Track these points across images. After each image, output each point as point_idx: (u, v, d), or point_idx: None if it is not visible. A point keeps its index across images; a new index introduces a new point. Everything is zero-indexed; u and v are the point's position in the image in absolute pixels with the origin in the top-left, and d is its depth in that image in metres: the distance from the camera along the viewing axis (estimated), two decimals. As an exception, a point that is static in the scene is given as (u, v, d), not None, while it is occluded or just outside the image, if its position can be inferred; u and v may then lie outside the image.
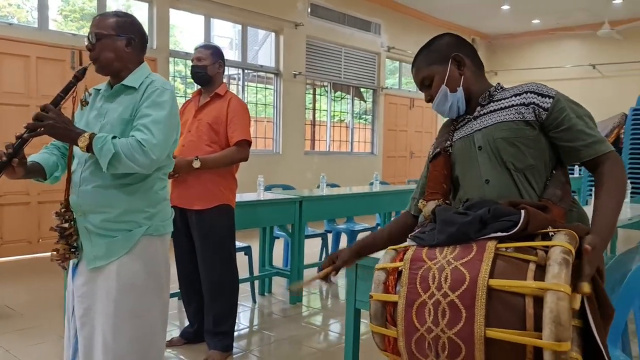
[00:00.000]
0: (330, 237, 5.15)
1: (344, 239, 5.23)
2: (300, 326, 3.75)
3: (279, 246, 4.87)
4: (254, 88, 8.19)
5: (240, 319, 3.74)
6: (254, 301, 4.21)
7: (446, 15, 10.46)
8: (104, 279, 1.85)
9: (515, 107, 1.47)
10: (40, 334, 3.38)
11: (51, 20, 5.85)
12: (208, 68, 3.09)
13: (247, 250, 4.12)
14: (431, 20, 10.50)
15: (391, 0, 9.56)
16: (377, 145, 9.93)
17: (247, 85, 7.95)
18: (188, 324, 3.38)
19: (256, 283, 4.35)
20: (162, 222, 1.95)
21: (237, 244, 3.42)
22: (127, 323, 1.85)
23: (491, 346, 1.10)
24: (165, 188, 2.00)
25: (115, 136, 1.77)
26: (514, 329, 1.09)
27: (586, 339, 1.14)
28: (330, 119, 9.25)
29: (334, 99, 9.38)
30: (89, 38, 1.88)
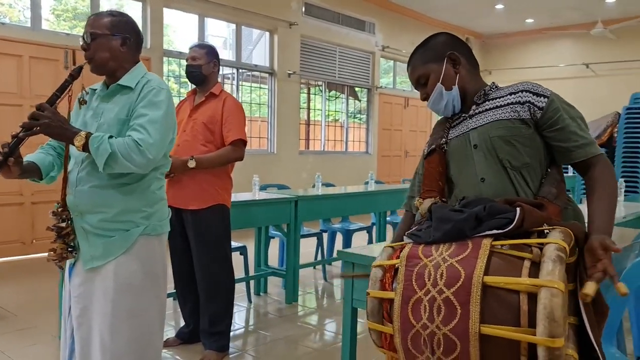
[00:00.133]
0: (325, 237, 5.15)
1: (339, 238, 5.23)
2: (296, 326, 3.75)
3: (274, 246, 4.87)
4: (248, 87, 8.17)
5: (236, 319, 3.73)
6: (249, 301, 4.21)
7: (440, 15, 10.49)
8: (101, 279, 1.85)
9: (511, 106, 1.48)
10: (35, 335, 3.37)
11: (44, 20, 5.82)
12: (203, 67, 3.09)
13: (243, 250, 4.11)
14: (425, 20, 10.52)
15: (385, 0, 9.58)
16: (372, 144, 9.93)
17: (242, 85, 7.94)
18: (184, 324, 3.37)
19: (251, 283, 4.35)
20: (160, 222, 1.95)
21: (233, 243, 3.41)
22: (125, 323, 1.84)
23: (486, 342, 1.11)
24: (163, 188, 2.00)
25: (111, 136, 1.77)
26: (508, 325, 1.10)
27: (582, 336, 1.15)
28: (325, 119, 9.25)
29: (329, 98, 9.38)
30: (84, 38, 1.87)
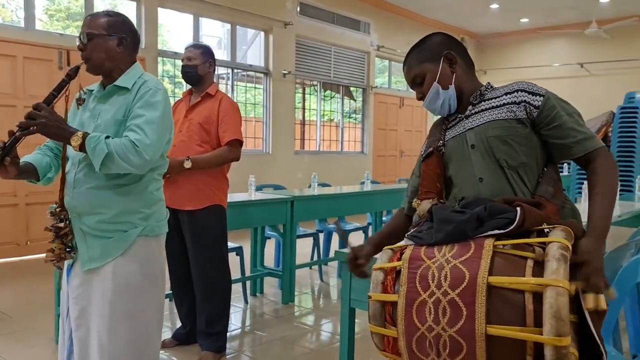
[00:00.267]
0: (321, 237, 5.14)
1: (335, 238, 5.22)
2: (292, 326, 3.74)
3: (270, 246, 4.86)
4: (243, 87, 8.16)
5: (232, 319, 3.72)
6: (245, 302, 4.20)
7: (435, 14, 10.50)
8: (99, 280, 1.84)
9: (507, 106, 1.48)
10: (31, 337, 3.35)
11: (37, 20, 5.79)
12: (198, 68, 3.08)
13: (239, 250, 4.10)
14: (420, 19, 10.53)
15: None
16: (367, 144, 9.94)
17: (237, 85, 7.92)
18: (180, 325, 3.36)
19: (248, 283, 4.34)
20: (158, 223, 1.94)
21: (229, 244, 3.40)
22: (123, 324, 1.83)
23: (492, 343, 1.11)
24: (160, 189, 1.99)
25: (108, 136, 1.76)
26: (514, 325, 1.10)
27: (581, 334, 1.15)
28: (320, 119, 9.25)
29: (324, 98, 9.38)
30: (80, 38, 1.86)
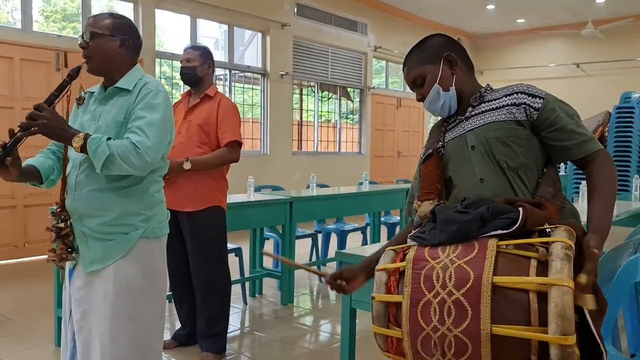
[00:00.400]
0: (320, 238, 5.15)
1: (333, 239, 5.23)
2: (292, 327, 3.75)
3: (269, 247, 4.86)
4: (241, 89, 8.16)
5: (232, 320, 3.71)
6: (245, 303, 4.20)
7: (432, 15, 10.52)
8: (101, 282, 1.84)
9: (507, 108, 1.49)
10: (30, 339, 3.34)
11: (34, 22, 5.78)
12: (197, 69, 3.08)
13: (238, 251, 4.10)
14: (417, 20, 10.55)
15: (377, 0, 9.59)
16: (365, 145, 9.95)
17: (234, 86, 7.92)
18: (179, 326, 3.36)
19: (247, 285, 4.34)
20: (159, 225, 1.94)
21: (228, 245, 3.40)
22: (125, 326, 1.83)
23: (497, 343, 1.11)
24: (161, 190, 1.99)
25: (110, 137, 1.76)
26: (519, 324, 1.11)
27: (581, 333, 1.16)
28: (318, 119, 9.25)
29: (321, 99, 9.39)
30: (83, 37, 1.86)
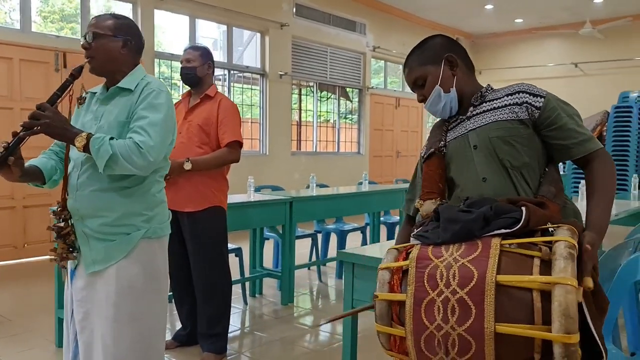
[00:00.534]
0: (320, 238, 5.15)
1: (333, 239, 5.23)
2: (292, 327, 3.75)
3: (268, 247, 4.86)
4: (240, 89, 8.16)
5: (232, 320, 3.72)
6: (245, 303, 4.20)
7: (430, 15, 10.53)
8: (103, 282, 1.83)
9: (509, 107, 1.50)
10: (30, 339, 3.34)
11: (32, 22, 5.77)
12: (197, 69, 3.08)
13: (238, 251, 4.10)
14: (416, 20, 10.56)
15: (376, 0, 9.60)
16: (364, 145, 9.95)
17: (233, 86, 7.92)
18: (179, 326, 3.36)
19: (247, 285, 4.34)
20: (160, 225, 1.94)
21: (228, 245, 3.40)
22: (127, 326, 1.83)
23: (500, 341, 1.12)
24: (162, 191, 1.99)
25: (112, 137, 1.76)
26: (522, 323, 1.11)
27: (581, 333, 1.16)
28: (317, 119, 9.26)
29: (320, 99, 9.39)
30: (85, 37, 1.86)
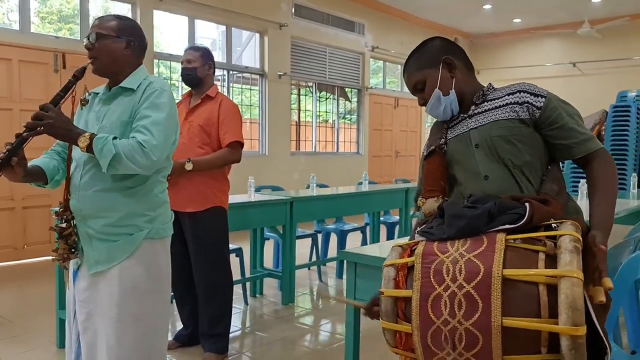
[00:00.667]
0: (320, 237, 5.16)
1: (333, 238, 5.24)
2: (293, 327, 3.75)
3: (268, 248, 4.87)
4: (239, 89, 8.16)
5: (233, 320, 3.72)
6: (245, 303, 4.20)
7: (429, 15, 10.55)
8: (106, 283, 1.84)
9: (510, 106, 1.51)
10: (31, 340, 3.34)
11: (31, 23, 5.77)
12: (198, 70, 3.08)
13: (239, 252, 4.11)
14: (414, 20, 10.57)
15: (375, 0, 9.61)
16: (363, 145, 9.96)
17: (232, 87, 7.92)
18: (181, 327, 3.36)
19: (247, 285, 4.34)
20: (163, 225, 1.94)
21: (229, 245, 3.40)
22: (130, 327, 1.83)
23: (507, 335, 1.12)
24: (165, 191, 1.99)
25: (115, 137, 1.76)
26: (529, 317, 1.12)
27: (587, 325, 1.17)
28: (316, 119, 9.26)
29: (319, 99, 9.39)
30: (88, 38, 1.87)
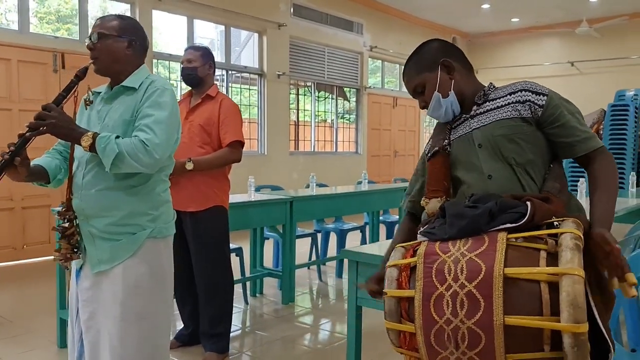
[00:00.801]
0: (320, 237, 5.16)
1: (333, 238, 5.24)
2: (293, 326, 3.76)
3: (268, 247, 4.87)
4: (238, 89, 8.15)
5: (233, 320, 3.73)
6: (246, 302, 4.20)
7: (427, 15, 10.55)
8: (109, 282, 1.84)
9: (512, 105, 1.51)
10: (31, 340, 3.34)
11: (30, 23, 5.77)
12: (198, 69, 3.08)
13: (239, 251, 4.11)
14: (412, 20, 10.58)
15: (373, 0, 9.61)
16: (361, 144, 9.96)
17: (231, 87, 7.91)
18: (181, 326, 3.36)
19: (247, 284, 4.35)
20: (165, 224, 1.94)
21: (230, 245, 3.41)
22: (134, 326, 1.84)
23: (509, 334, 1.13)
24: (167, 190, 1.99)
25: (118, 136, 1.76)
26: (531, 315, 1.12)
27: (591, 324, 1.17)
28: (315, 119, 9.26)
29: (318, 98, 9.40)
30: (90, 38, 1.87)
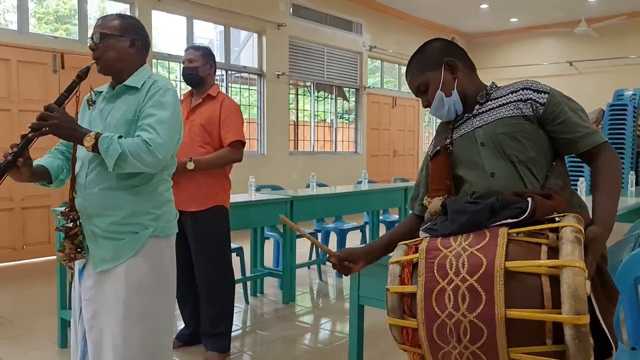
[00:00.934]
0: (320, 236, 5.17)
1: (333, 237, 5.25)
2: (293, 325, 3.76)
3: (268, 247, 4.87)
4: (237, 89, 8.16)
5: (234, 320, 3.73)
6: (246, 302, 4.21)
7: (426, 14, 10.56)
8: (112, 281, 1.84)
9: (514, 104, 1.52)
10: (32, 340, 3.34)
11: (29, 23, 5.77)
12: (199, 69, 3.09)
13: (239, 251, 4.11)
14: (412, 19, 10.59)
15: (372, 0, 9.62)
16: (361, 144, 9.97)
17: (230, 87, 7.92)
18: (182, 326, 3.36)
19: (248, 284, 4.35)
20: (168, 224, 1.95)
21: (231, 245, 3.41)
22: (137, 325, 1.84)
23: (511, 327, 1.13)
24: (170, 190, 2.00)
25: (121, 136, 1.77)
26: (533, 308, 1.13)
27: (591, 326, 1.18)
28: (314, 119, 9.27)
29: (317, 98, 9.40)
30: (92, 38, 1.87)
